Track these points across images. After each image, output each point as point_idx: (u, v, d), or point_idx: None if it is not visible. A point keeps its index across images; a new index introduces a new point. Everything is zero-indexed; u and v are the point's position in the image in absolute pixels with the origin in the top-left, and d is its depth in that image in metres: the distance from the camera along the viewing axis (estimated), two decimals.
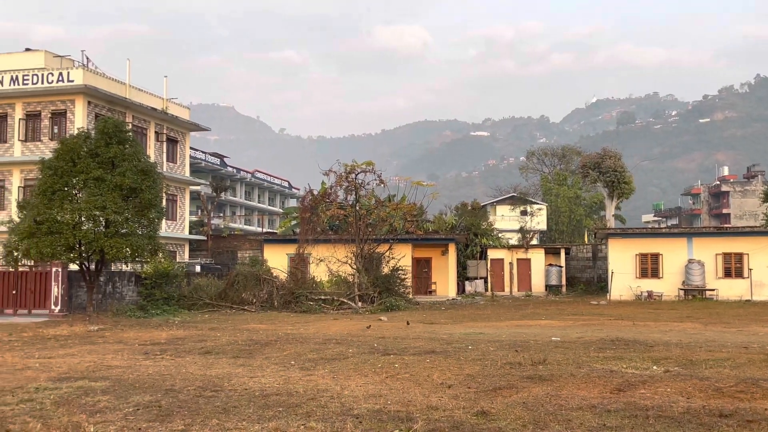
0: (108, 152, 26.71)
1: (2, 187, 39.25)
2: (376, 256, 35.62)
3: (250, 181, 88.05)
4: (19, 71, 39.15)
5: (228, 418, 9.11)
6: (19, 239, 26.25)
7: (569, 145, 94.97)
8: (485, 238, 47.91)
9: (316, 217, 36.86)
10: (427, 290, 42.96)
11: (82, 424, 8.72)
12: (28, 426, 8.63)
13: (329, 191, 37.01)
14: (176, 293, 32.44)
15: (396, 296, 33.63)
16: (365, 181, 36.16)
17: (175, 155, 46.18)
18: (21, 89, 38.57)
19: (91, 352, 17.26)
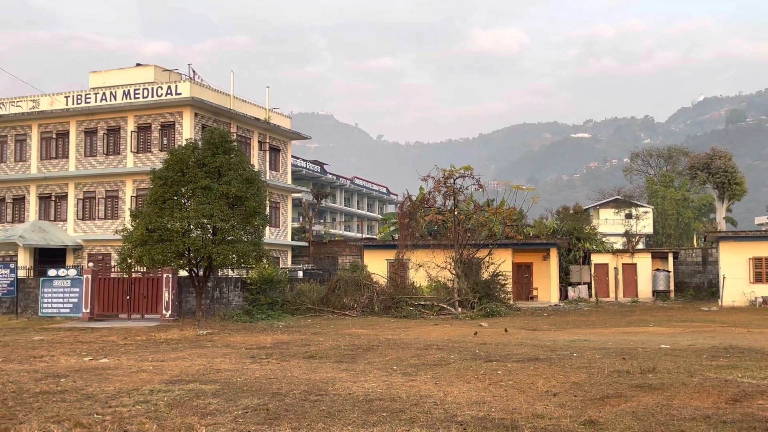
0: (215, 162, 27.59)
1: (116, 197, 41.17)
2: (476, 262, 35.37)
3: (350, 188, 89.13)
4: (131, 86, 41.01)
5: (333, 423, 9.23)
6: (133, 247, 27.42)
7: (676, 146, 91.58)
8: (588, 242, 46.79)
9: (414, 223, 36.94)
10: (528, 296, 42.33)
11: (194, 425, 9.02)
12: (144, 427, 8.99)
13: (427, 197, 37.01)
14: (280, 298, 33.17)
15: (496, 302, 33.30)
16: (464, 186, 35.99)
17: (277, 163, 47.27)
18: (133, 103, 40.40)
19: (201, 355, 17.85)
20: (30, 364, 16.36)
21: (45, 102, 42.68)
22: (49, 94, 43.19)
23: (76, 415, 9.74)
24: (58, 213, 42.56)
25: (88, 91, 41.94)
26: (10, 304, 33.40)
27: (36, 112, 42.52)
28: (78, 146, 42.09)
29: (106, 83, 42.48)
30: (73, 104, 41.76)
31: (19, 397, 11.46)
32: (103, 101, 41.17)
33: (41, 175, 42.34)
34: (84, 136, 42.06)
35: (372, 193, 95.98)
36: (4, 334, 25.88)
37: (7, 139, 43.79)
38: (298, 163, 70.72)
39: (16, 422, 9.33)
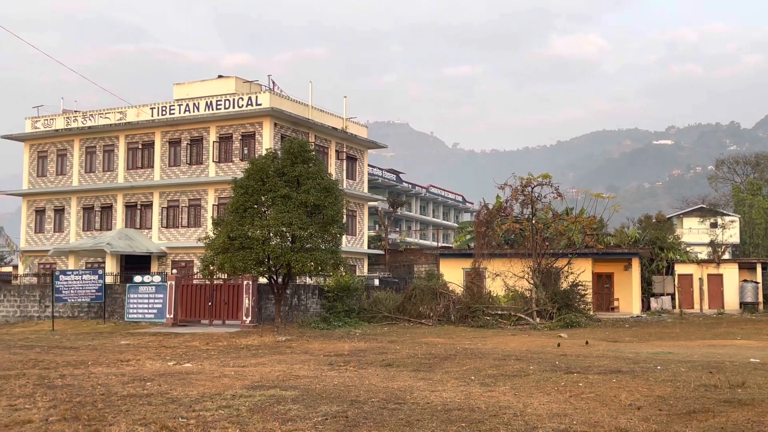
0: (293, 171, 28.02)
1: (199, 206, 42.25)
2: (554, 271, 34.81)
3: (425, 196, 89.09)
4: (213, 97, 42.07)
5: (412, 431, 9.22)
6: (214, 254, 28.08)
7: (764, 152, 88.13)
8: (672, 252, 45.48)
9: (491, 232, 36.64)
10: (608, 307, 41.40)
11: (275, 431, 9.15)
12: (227, 431, 9.17)
13: (504, 205, 36.65)
14: (357, 306, 33.39)
15: (576, 312, 32.70)
16: (542, 194, 35.50)
17: (354, 172, 47.67)
18: (215, 114, 41.44)
19: (280, 362, 18.11)
20: (117, 368, 16.92)
21: (131, 113, 44.20)
22: (136, 106, 44.70)
23: (162, 418, 10.01)
24: (144, 221, 43.94)
25: (172, 103, 43.24)
26: (98, 309, 34.63)
27: (123, 124, 44.07)
28: (162, 156, 43.40)
29: (190, 95, 43.70)
30: (158, 115, 43.12)
31: (107, 399, 11.86)
32: (186, 112, 42.37)
33: (128, 184, 43.81)
34: (168, 147, 43.35)
35: (447, 202, 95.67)
36: (93, 338, 26.87)
37: (96, 149, 45.51)
38: (374, 171, 71.11)
39: (105, 424, 9.66)
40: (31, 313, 36.73)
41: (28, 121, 47.34)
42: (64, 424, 9.70)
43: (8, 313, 37.15)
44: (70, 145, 46.17)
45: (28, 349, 22.44)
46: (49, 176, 46.79)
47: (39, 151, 47.24)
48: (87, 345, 23.87)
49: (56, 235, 46.05)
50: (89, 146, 45.70)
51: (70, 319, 35.01)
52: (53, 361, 18.29)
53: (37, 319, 36.07)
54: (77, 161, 45.83)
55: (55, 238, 45.89)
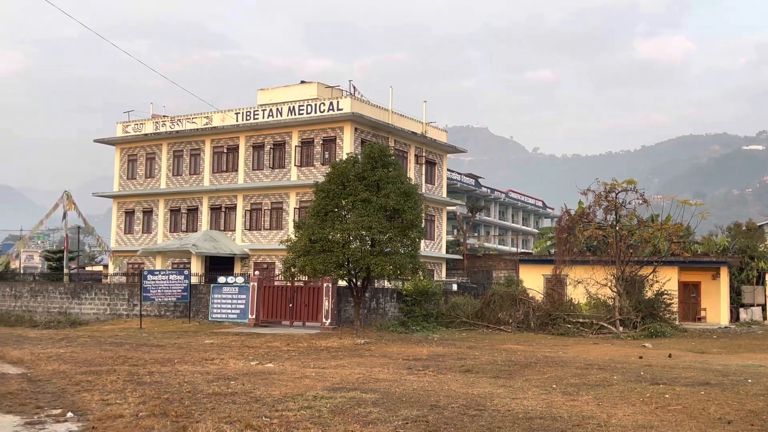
0: (374, 175, 28.21)
1: (281, 209, 42.99)
2: (639, 279, 33.91)
3: (504, 201, 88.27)
4: (296, 102, 42.77)
5: None
6: (296, 256, 28.51)
7: None
8: (763, 261, 43.72)
9: (573, 238, 35.98)
10: (695, 317, 40.09)
11: None
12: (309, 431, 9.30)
13: (587, 211, 35.93)
14: (434, 311, 33.33)
15: (661, 322, 31.78)
16: (626, 201, 34.68)
17: (433, 177, 47.64)
18: (297, 118, 42.10)
19: (360, 364, 18.24)
20: (202, 366, 17.37)
21: (217, 118, 45.35)
22: (221, 111, 45.83)
23: (246, 417, 10.23)
24: (228, 223, 44.98)
25: (256, 108, 44.16)
26: (184, 308, 35.62)
27: (209, 128, 45.24)
28: (246, 160, 44.36)
29: (273, 100, 44.53)
30: (242, 120, 44.11)
31: (193, 397, 12.19)
32: (270, 117, 43.20)
33: (213, 187, 44.95)
34: (252, 151, 44.28)
35: (527, 207, 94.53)
36: (179, 337, 27.65)
37: (183, 153, 46.86)
38: (453, 176, 70.89)
39: (192, 421, 9.93)
40: (120, 311, 38.07)
41: (119, 125, 49.14)
42: (153, 419, 10.02)
43: (99, 311, 38.61)
44: (158, 148, 47.70)
45: (118, 346, 23.26)
46: (138, 179, 48.43)
47: (129, 154, 48.97)
48: (173, 343, 24.58)
49: (144, 236, 47.62)
50: (177, 150, 47.09)
51: (156, 317, 36.13)
52: (141, 358, 18.91)
53: (126, 317, 37.37)
54: (165, 164, 47.29)
55: (144, 239, 47.45)
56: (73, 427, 9.66)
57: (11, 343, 23.84)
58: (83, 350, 21.41)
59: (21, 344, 23.59)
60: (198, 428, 9.32)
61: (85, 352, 20.85)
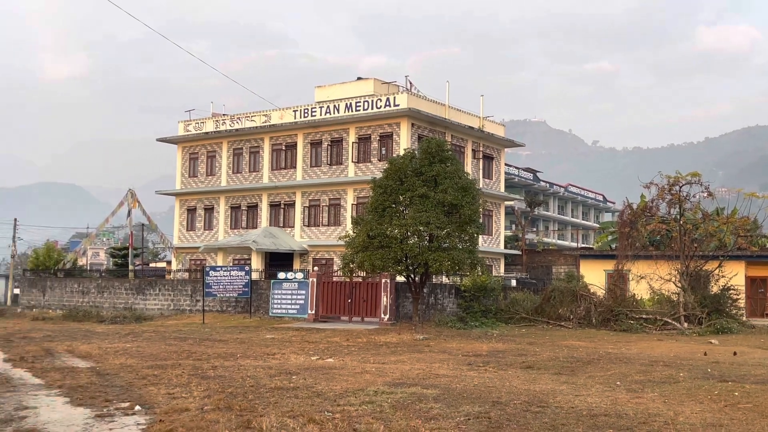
0: (431, 171, 28.14)
1: (338, 205, 43.25)
2: (704, 274, 33.10)
3: (563, 196, 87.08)
4: (352, 99, 42.92)
5: None
6: (354, 252, 28.65)
7: None
8: None
9: (635, 232, 35.28)
10: (763, 312, 38.92)
11: (419, 429, 9.22)
12: (372, 427, 9.33)
13: (650, 205, 35.19)
14: (493, 306, 33.11)
15: (727, 318, 30.94)
16: (690, 194, 33.85)
17: (490, 171, 47.28)
18: (354, 115, 42.26)
19: (419, 360, 18.25)
20: (264, 361, 17.60)
21: (275, 116, 45.83)
22: (279, 109, 46.31)
23: (309, 411, 10.32)
24: (287, 220, 45.44)
25: (313, 105, 44.48)
26: (245, 303, 36.15)
27: (268, 126, 45.76)
28: (304, 157, 44.73)
29: (330, 97, 44.79)
30: (300, 118, 44.48)
31: (257, 391, 12.36)
32: (327, 114, 43.46)
33: (272, 184, 45.46)
34: (310, 148, 44.62)
35: (587, 201, 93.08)
36: (240, 332, 28.08)
37: (243, 151, 47.52)
38: (511, 170, 70.24)
39: (256, 415, 10.06)
40: (183, 306, 38.86)
41: (181, 124, 50.07)
42: (218, 413, 10.19)
43: (163, 306, 39.48)
44: (218, 146, 48.46)
45: (182, 340, 23.74)
46: (199, 177, 49.30)
47: (191, 153, 49.87)
48: (235, 338, 24.98)
49: (206, 233, 48.47)
50: (236, 148, 47.77)
51: (218, 312, 36.76)
52: (205, 353, 19.26)
53: (189, 312, 38.12)
54: (225, 162, 48.02)
55: (205, 236, 48.30)
56: (140, 420, 9.88)
57: (80, 338, 24.55)
58: (149, 345, 21.92)
59: (89, 339, 24.28)
60: (262, 422, 9.44)
61: (150, 346, 21.34)
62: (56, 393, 12.26)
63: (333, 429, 9.18)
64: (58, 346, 21.21)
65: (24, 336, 25.89)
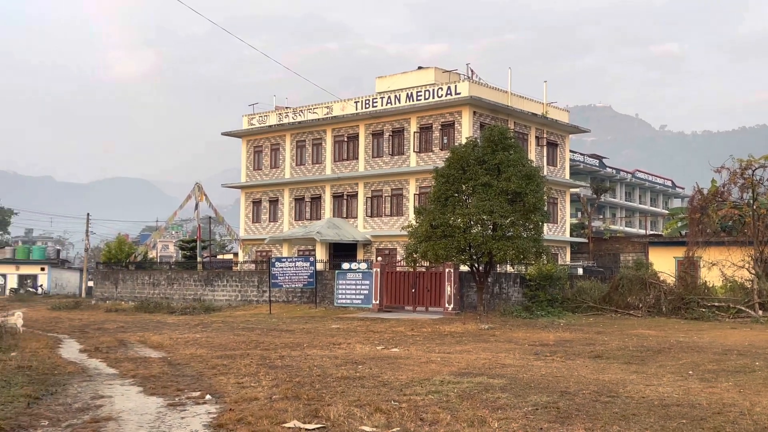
0: (494, 159, 27.87)
1: (401, 195, 43.25)
2: None
3: (630, 182, 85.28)
4: (413, 88, 42.81)
5: (628, 426, 8.86)
6: (417, 242, 28.61)
7: None
8: None
9: (706, 218, 34.33)
10: None
11: (486, 419, 9.16)
12: (438, 416, 9.31)
13: (721, 189, 34.20)
14: (559, 295, 32.69)
15: None
16: (763, 178, 32.74)
17: (554, 158, 46.60)
18: (415, 105, 42.15)
19: (485, 349, 18.14)
20: (330, 351, 17.76)
21: (337, 108, 46.06)
22: (341, 100, 46.52)
23: (375, 400, 10.36)
24: (350, 210, 45.69)
25: (375, 96, 44.53)
26: (310, 294, 36.52)
27: (330, 118, 46.03)
28: (366, 148, 44.86)
29: (391, 87, 44.77)
30: (361, 109, 44.60)
31: (323, 380, 12.47)
32: (388, 104, 43.47)
33: (335, 175, 45.76)
34: (371, 138, 44.73)
35: (655, 187, 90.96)
36: (306, 322, 28.42)
37: (305, 143, 47.93)
38: (576, 157, 69.08)
39: (324, 404, 10.15)
40: (250, 297, 39.51)
41: (245, 118, 50.77)
42: (286, 402, 10.32)
43: (230, 297, 40.22)
44: (282, 139, 49.00)
45: (249, 331, 24.15)
46: (264, 169, 49.95)
47: (255, 146, 50.56)
48: (301, 328, 25.29)
49: (271, 225, 49.10)
50: (299, 140, 48.21)
51: (284, 303, 37.25)
52: (272, 343, 19.55)
53: (256, 303, 38.73)
54: (289, 155, 48.53)
55: (270, 227, 48.94)
56: (211, 409, 10.08)
57: (151, 329, 25.21)
58: (217, 335, 22.37)
59: (160, 329, 24.92)
60: (329, 411, 9.52)
61: (219, 336, 21.77)
62: (130, 382, 12.61)
63: (400, 418, 9.20)
64: (130, 337, 21.83)
65: (98, 327, 26.74)
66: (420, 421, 9.10)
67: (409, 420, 9.11)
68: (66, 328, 26.96)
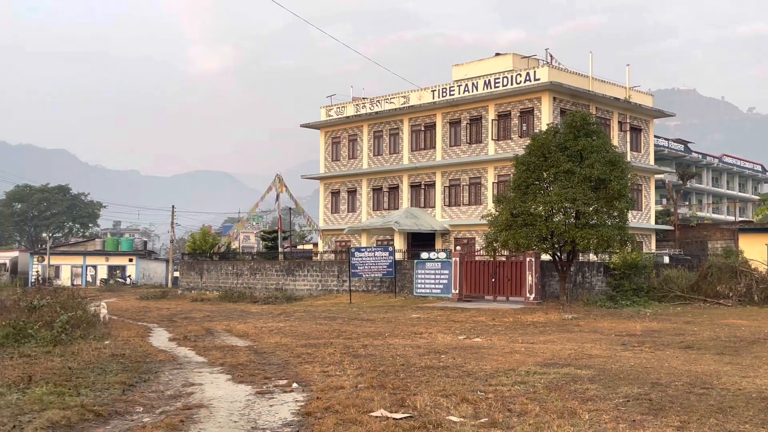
0: (576, 145, 27.29)
1: (479, 184, 42.88)
2: None
3: (717, 167, 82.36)
4: (491, 75, 42.29)
5: (726, 419, 8.53)
6: (498, 231, 28.32)
7: None
8: None
9: None
10: None
11: (576, 410, 8.97)
12: (527, 408, 9.17)
13: None
14: (645, 284, 31.83)
15: None
16: None
17: (638, 144, 45.36)
18: (493, 92, 41.65)
19: (570, 339, 17.81)
20: (412, 340, 17.76)
21: (414, 97, 45.94)
22: (417, 90, 46.38)
23: (461, 390, 10.28)
24: (427, 200, 45.59)
25: (451, 84, 44.22)
26: (389, 283, 36.64)
27: (406, 107, 45.96)
28: (443, 137, 44.63)
29: (468, 75, 44.36)
30: (438, 97, 44.36)
31: (407, 370, 12.46)
32: (465, 92, 43.11)
33: (412, 165, 45.71)
34: (449, 127, 44.46)
35: (744, 172, 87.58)
36: (386, 311, 28.50)
37: (383, 133, 48.02)
38: (660, 142, 67.08)
39: (409, 393, 10.13)
40: (330, 286, 39.92)
41: (323, 109, 51.21)
42: (371, 391, 10.35)
43: (311, 287, 40.73)
44: (359, 130, 49.22)
45: (331, 320, 24.39)
46: (342, 160, 50.31)
47: (333, 137, 50.96)
48: (381, 317, 25.38)
49: (349, 215, 49.46)
50: (377, 130, 48.34)
51: (364, 292, 37.48)
52: (354, 332, 19.68)
53: (336, 292, 39.11)
54: (366, 145, 48.73)
55: (349, 218, 49.30)
56: (298, 397, 10.19)
57: (236, 318, 25.76)
58: (300, 324, 22.67)
59: (245, 319, 25.42)
60: (416, 401, 9.50)
61: (302, 325, 22.06)
62: (218, 370, 12.89)
63: (487, 409, 9.10)
64: (217, 326, 22.35)
65: (185, 316, 27.48)
66: (508, 411, 8.98)
67: (497, 411, 9.00)
68: (155, 317, 27.81)
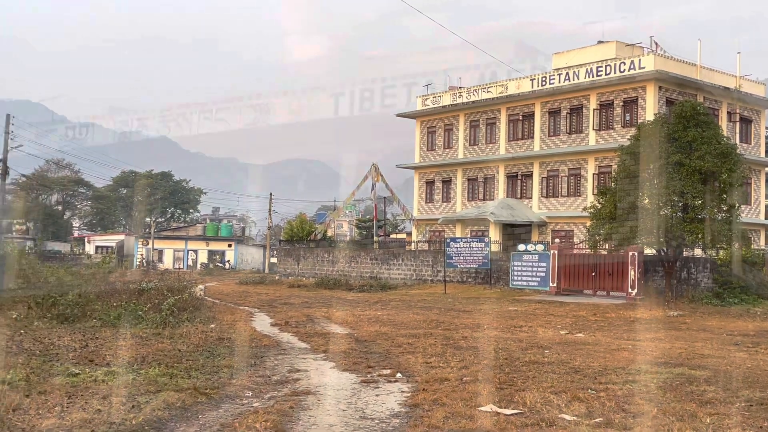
0: (686, 136, 26.22)
1: (578, 175, 41.86)
2: None
3: None
4: (593, 64, 41.13)
5: None
6: (600, 224, 27.55)
7: None
8: None
9: None
10: None
11: (696, 413, 8.56)
12: (642, 408, 8.81)
13: None
14: (755, 282, 30.38)
15: None
16: None
17: (749, 135, 43.30)
18: (594, 81, 40.50)
19: (677, 338, 17.15)
20: (512, 333, 17.47)
21: (512, 86, 45.20)
22: (516, 79, 45.60)
23: (571, 388, 9.99)
24: (524, 191, 44.87)
25: (551, 73, 43.29)
26: (484, 275, 36.28)
27: (504, 97, 45.28)
28: (542, 126, 43.77)
29: (568, 63, 43.28)
30: (537, 86, 43.51)
31: (511, 364, 12.22)
32: (566, 81, 42.11)
33: (509, 155, 45.05)
34: (548, 117, 43.56)
35: None
36: (482, 303, 28.22)
37: (479, 123, 47.50)
38: None
39: (517, 389, 9.91)
40: (424, 276, 39.86)
41: (419, 99, 51.05)
42: (478, 385, 10.18)
43: (405, 276, 40.77)
44: (455, 119, 48.85)
45: (427, 310, 24.31)
46: (437, 150, 50.08)
47: (428, 126, 50.77)
48: (478, 309, 25.13)
49: (444, 205, 49.23)
50: (473, 120, 47.86)
51: (458, 283, 37.25)
52: (452, 323, 19.52)
53: (430, 282, 39.02)
54: (462, 135, 48.33)
55: (443, 208, 49.08)
56: (404, 388, 10.13)
57: (334, 305, 26.02)
58: (397, 313, 22.68)
59: (342, 306, 25.66)
60: (525, 397, 9.28)
61: (399, 315, 22.07)
62: (322, 357, 12.99)
63: (600, 408, 8.80)
64: (315, 312, 22.62)
65: (284, 302, 27.95)
66: (623, 412, 8.65)
67: (611, 411, 8.68)
68: (255, 301, 28.40)
